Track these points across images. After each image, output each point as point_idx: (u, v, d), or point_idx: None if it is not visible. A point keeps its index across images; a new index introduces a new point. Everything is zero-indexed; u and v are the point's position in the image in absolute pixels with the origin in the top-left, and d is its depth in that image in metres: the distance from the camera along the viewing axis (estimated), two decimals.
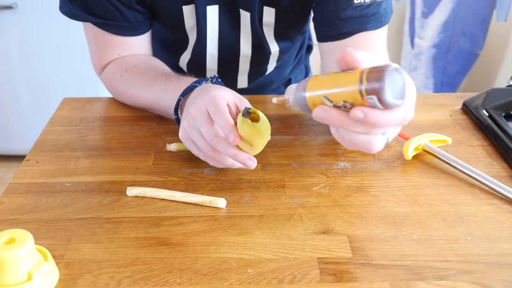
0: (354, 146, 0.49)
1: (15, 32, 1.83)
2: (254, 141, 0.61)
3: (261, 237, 0.58)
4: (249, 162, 0.63)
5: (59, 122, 0.83)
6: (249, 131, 0.60)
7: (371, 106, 0.45)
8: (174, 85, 0.74)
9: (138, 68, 0.81)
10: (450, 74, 2.12)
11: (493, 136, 0.77)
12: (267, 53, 0.91)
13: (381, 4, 0.75)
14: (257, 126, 0.60)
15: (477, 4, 1.98)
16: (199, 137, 0.64)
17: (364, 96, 0.44)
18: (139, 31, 0.83)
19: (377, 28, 0.77)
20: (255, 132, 0.60)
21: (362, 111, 0.45)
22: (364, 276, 0.53)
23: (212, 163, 0.66)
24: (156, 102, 0.78)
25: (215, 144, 0.62)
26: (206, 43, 0.87)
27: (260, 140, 0.61)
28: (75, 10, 0.79)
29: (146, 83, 0.79)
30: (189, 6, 0.81)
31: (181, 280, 0.52)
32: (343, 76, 0.47)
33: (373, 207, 0.63)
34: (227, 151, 0.62)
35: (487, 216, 0.62)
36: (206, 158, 0.66)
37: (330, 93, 0.47)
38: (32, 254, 0.50)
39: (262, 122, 0.60)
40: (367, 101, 0.45)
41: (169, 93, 0.74)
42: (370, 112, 0.45)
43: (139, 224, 0.60)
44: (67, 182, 0.68)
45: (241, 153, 0.62)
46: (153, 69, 0.80)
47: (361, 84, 0.44)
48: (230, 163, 0.64)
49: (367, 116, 0.45)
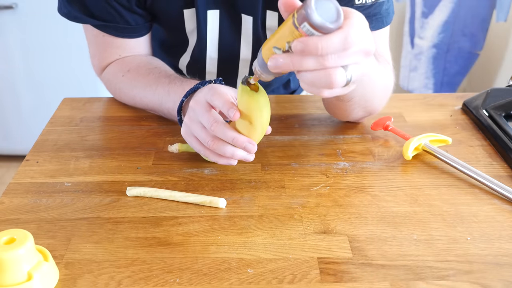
0: (317, 86, 0.49)
1: (15, 32, 1.83)
2: (253, 115, 0.60)
3: (261, 237, 0.58)
4: (249, 145, 0.62)
5: (59, 122, 0.83)
6: (248, 102, 0.60)
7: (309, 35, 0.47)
8: (177, 87, 0.74)
9: (141, 69, 0.81)
10: (450, 74, 2.12)
11: (493, 136, 0.77)
12: None
13: (382, 5, 0.75)
14: (256, 96, 0.60)
15: (477, 4, 1.98)
16: (199, 129, 0.64)
17: (299, 28, 0.46)
18: (139, 33, 0.83)
19: (379, 29, 0.77)
20: (254, 103, 0.60)
21: (299, 41, 0.46)
22: (364, 276, 0.53)
23: (212, 158, 0.66)
24: (159, 104, 0.78)
25: (215, 129, 0.61)
26: (206, 46, 0.87)
27: (259, 115, 0.60)
28: (74, 12, 0.78)
29: (149, 84, 0.79)
30: (190, 10, 0.81)
31: (181, 280, 0.52)
32: (283, 22, 0.49)
33: (373, 207, 0.63)
34: (226, 135, 0.61)
35: (487, 216, 0.62)
36: (206, 153, 0.65)
37: (275, 41, 0.50)
38: (32, 254, 0.50)
39: (261, 93, 0.60)
40: (303, 32, 0.46)
41: (173, 96, 0.74)
42: (308, 39, 0.46)
43: (139, 224, 0.60)
44: (67, 182, 0.68)
45: (240, 136, 0.61)
46: (156, 71, 0.80)
47: (293, 18, 0.47)
48: (230, 153, 0.63)
49: (306, 45, 0.46)
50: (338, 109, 0.78)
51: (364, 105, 0.75)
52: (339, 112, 0.79)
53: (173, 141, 0.77)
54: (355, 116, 0.79)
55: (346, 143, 0.78)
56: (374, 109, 0.79)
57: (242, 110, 0.61)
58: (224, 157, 0.65)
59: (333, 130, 0.81)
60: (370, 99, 0.74)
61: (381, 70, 0.73)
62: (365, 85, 0.68)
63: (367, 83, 0.68)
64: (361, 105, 0.74)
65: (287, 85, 1.07)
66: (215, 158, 0.65)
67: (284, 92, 1.07)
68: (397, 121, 0.84)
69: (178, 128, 0.79)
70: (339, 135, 0.80)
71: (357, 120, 0.82)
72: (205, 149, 0.65)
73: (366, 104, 0.75)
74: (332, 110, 0.81)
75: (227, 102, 0.60)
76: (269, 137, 0.79)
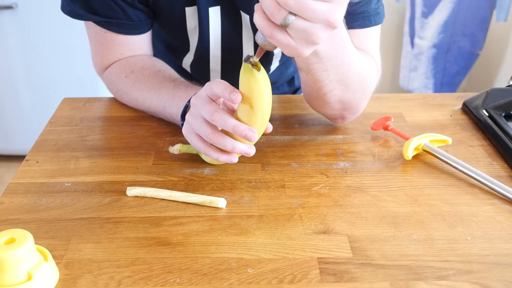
0: (319, 22, 0.50)
1: (15, 32, 1.83)
2: (254, 96, 0.60)
3: (261, 237, 0.58)
4: (250, 132, 0.61)
5: (59, 122, 0.83)
6: (249, 81, 0.59)
7: None
8: (182, 92, 0.74)
9: (145, 71, 0.81)
10: (450, 74, 2.12)
11: (493, 136, 0.77)
12: (270, 54, 0.91)
13: (370, 3, 0.75)
14: (258, 76, 0.59)
15: (477, 4, 1.98)
16: (200, 123, 0.63)
17: None
18: (141, 30, 0.83)
19: (365, 27, 0.77)
20: (255, 82, 0.59)
21: None
22: (364, 276, 0.53)
23: (213, 156, 0.65)
24: (162, 108, 0.78)
25: (215, 118, 0.61)
26: (209, 44, 0.87)
27: (259, 96, 0.60)
28: (77, 9, 0.79)
29: (152, 87, 0.79)
30: (192, 8, 0.81)
31: (181, 280, 0.52)
32: None
33: (373, 207, 0.64)
34: (226, 123, 0.61)
35: (487, 216, 0.62)
36: (207, 151, 0.65)
37: None
38: (32, 254, 0.50)
39: (263, 73, 0.60)
40: None
41: (177, 101, 0.74)
42: None
43: (139, 224, 0.60)
44: (67, 182, 0.68)
45: (241, 124, 0.61)
46: (161, 74, 0.80)
47: None
48: (231, 146, 0.63)
49: None
50: (315, 98, 0.75)
51: (340, 95, 0.72)
52: (317, 103, 0.77)
53: (173, 141, 0.77)
54: (332, 107, 0.76)
55: (346, 143, 0.78)
56: (351, 102, 0.75)
57: (243, 93, 0.60)
58: (225, 153, 0.65)
59: (333, 130, 0.81)
60: (345, 86, 0.71)
61: (360, 58, 0.71)
62: (338, 66, 0.66)
63: (340, 64, 0.66)
64: (336, 93, 0.71)
65: (291, 82, 1.07)
66: (216, 154, 0.65)
67: (289, 89, 1.07)
68: (397, 121, 0.84)
69: (178, 128, 0.79)
70: (339, 135, 0.80)
71: (336, 116, 0.79)
72: (206, 146, 0.65)
73: (342, 93, 0.72)
74: (310, 99, 0.78)
75: (227, 87, 0.60)
76: (269, 137, 0.79)
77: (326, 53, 0.63)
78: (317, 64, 0.64)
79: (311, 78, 0.68)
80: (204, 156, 0.70)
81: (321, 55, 0.63)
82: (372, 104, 0.88)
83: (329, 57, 0.64)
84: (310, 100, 0.79)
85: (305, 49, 0.54)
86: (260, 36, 0.55)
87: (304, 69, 0.67)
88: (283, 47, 0.54)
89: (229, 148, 0.63)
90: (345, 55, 0.66)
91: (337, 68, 0.66)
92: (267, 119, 0.63)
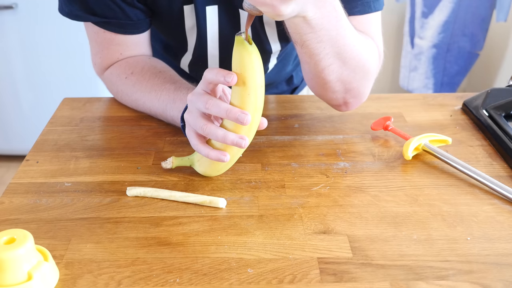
0: None
1: (15, 32, 1.83)
2: (246, 71, 0.60)
3: (261, 237, 0.58)
4: (242, 115, 0.60)
5: (59, 122, 0.83)
6: (242, 54, 0.60)
7: None
8: (183, 95, 0.74)
9: (145, 72, 0.81)
10: (450, 74, 2.12)
11: (493, 136, 0.77)
12: (268, 52, 0.91)
13: None
14: (249, 48, 0.60)
15: (477, 4, 1.98)
16: (195, 118, 0.63)
17: None
18: (140, 29, 0.83)
19: (365, 13, 0.77)
20: (248, 56, 0.60)
21: None
22: (364, 276, 0.53)
23: (204, 152, 0.64)
24: (163, 110, 0.78)
25: (210, 106, 0.61)
26: (206, 43, 0.87)
27: (251, 69, 0.60)
28: (76, 10, 0.79)
29: (153, 89, 0.79)
30: (190, 6, 0.81)
31: (181, 280, 0.52)
32: None
33: (373, 207, 0.64)
34: (220, 108, 0.61)
35: (487, 216, 0.62)
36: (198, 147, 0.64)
37: None
38: (32, 254, 0.50)
39: (254, 47, 0.61)
40: None
41: (178, 103, 0.74)
42: None
43: (139, 224, 0.60)
44: (67, 182, 0.68)
45: (233, 108, 0.61)
46: (162, 75, 0.80)
47: None
48: (222, 135, 0.62)
49: None
50: (314, 76, 0.73)
51: (338, 72, 0.71)
52: (317, 83, 0.75)
53: (173, 141, 0.77)
54: (333, 88, 0.74)
55: (346, 143, 0.78)
56: (351, 83, 0.73)
57: (236, 72, 0.61)
58: (215, 150, 0.64)
59: (333, 130, 0.81)
60: (342, 62, 0.70)
61: (358, 36, 0.71)
62: (333, 38, 0.66)
63: (335, 37, 0.66)
64: (333, 69, 0.70)
65: (289, 81, 1.07)
66: (206, 150, 0.64)
67: (287, 87, 1.07)
68: (397, 121, 0.84)
69: (178, 128, 0.79)
70: (339, 135, 0.80)
71: (338, 102, 0.77)
72: (200, 143, 0.64)
73: (341, 70, 0.71)
74: (310, 80, 0.76)
75: (220, 70, 0.61)
76: (269, 137, 0.79)
77: (318, 21, 0.62)
78: (311, 34, 0.64)
79: (307, 52, 0.67)
80: (198, 168, 0.69)
81: (313, 23, 0.62)
82: (372, 104, 0.88)
83: (322, 27, 0.63)
84: (311, 82, 0.76)
85: (282, 6, 0.55)
86: (246, 2, 0.57)
87: (298, 41, 0.66)
88: (262, 7, 0.55)
89: (220, 138, 0.62)
90: (340, 27, 0.65)
91: (332, 40, 0.66)
92: (261, 103, 0.62)
